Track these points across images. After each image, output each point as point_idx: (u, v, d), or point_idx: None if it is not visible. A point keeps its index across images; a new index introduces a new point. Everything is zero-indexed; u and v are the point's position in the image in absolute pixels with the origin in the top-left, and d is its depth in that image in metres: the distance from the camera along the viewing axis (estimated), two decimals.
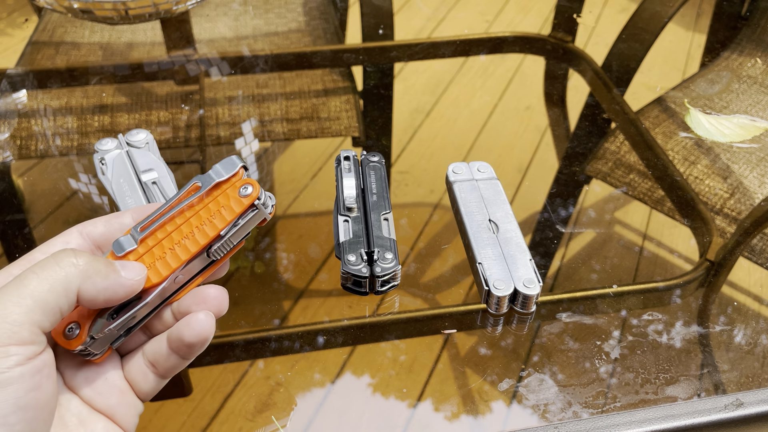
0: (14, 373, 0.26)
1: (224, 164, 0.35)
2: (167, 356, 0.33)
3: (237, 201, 0.35)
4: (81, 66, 0.77)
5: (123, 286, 0.31)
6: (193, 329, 0.32)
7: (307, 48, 0.83)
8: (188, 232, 0.34)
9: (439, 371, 0.47)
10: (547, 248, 0.57)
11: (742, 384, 0.46)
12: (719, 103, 0.74)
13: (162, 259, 0.34)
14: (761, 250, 0.57)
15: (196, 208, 0.35)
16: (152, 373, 0.34)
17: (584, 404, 0.44)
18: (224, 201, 0.35)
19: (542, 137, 0.70)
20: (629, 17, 0.88)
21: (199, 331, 0.32)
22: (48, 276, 0.28)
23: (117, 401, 0.33)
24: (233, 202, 0.35)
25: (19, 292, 0.28)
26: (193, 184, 0.35)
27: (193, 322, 0.32)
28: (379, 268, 0.47)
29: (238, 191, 0.35)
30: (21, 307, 0.27)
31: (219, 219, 0.34)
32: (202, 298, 0.34)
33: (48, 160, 0.64)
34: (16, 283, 0.28)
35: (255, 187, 0.35)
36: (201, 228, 0.34)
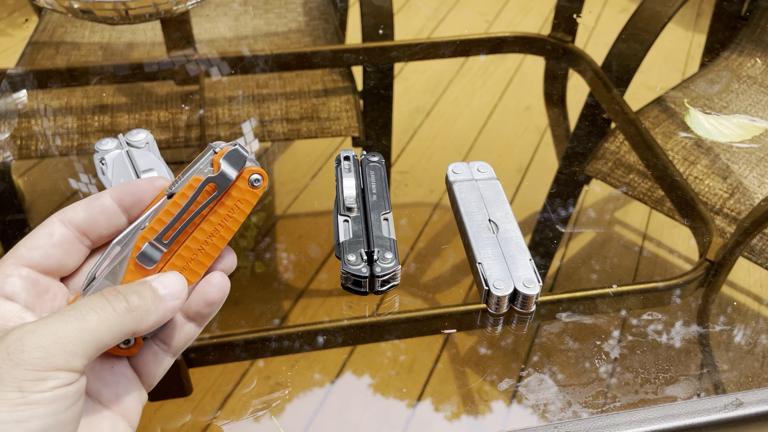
0: (56, 394, 0.28)
1: (231, 159, 0.35)
2: (180, 328, 0.35)
3: (251, 194, 0.36)
4: (81, 66, 0.77)
5: (172, 310, 0.33)
6: (215, 285, 0.35)
7: (307, 48, 0.83)
8: (212, 231, 0.35)
9: (439, 371, 0.47)
10: (547, 248, 0.57)
11: (741, 384, 0.46)
12: (719, 103, 0.74)
13: (195, 260, 0.35)
14: (761, 250, 0.57)
15: (211, 205, 0.35)
16: (163, 352, 0.35)
17: (584, 404, 0.45)
18: (238, 194, 0.35)
19: (542, 137, 0.70)
20: (629, 17, 0.88)
21: (221, 286, 0.35)
22: (108, 319, 0.30)
23: (124, 390, 0.34)
24: (248, 195, 0.36)
25: (81, 327, 0.29)
26: (209, 185, 0.35)
27: (213, 279, 0.35)
28: (379, 268, 0.47)
29: (249, 182, 0.35)
30: (81, 342, 0.29)
31: (239, 213, 0.36)
32: (207, 282, 0.36)
33: (48, 160, 0.64)
34: (77, 315, 0.29)
35: (264, 177, 0.36)
36: (224, 225, 0.35)
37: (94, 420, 0.32)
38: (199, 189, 0.35)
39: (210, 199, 0.35)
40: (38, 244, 0.34)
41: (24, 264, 0.34)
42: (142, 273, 0.34)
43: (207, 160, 0.35)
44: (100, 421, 0.32)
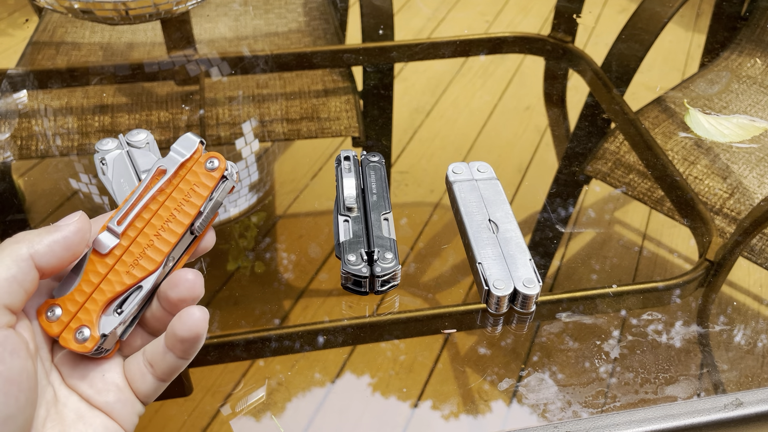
0: None
1: (182, 143, 0.36)
2: (164, 355, 0.34)
3: (207, 176, 0.36)
4: (81, 66, 0.77)
5: (71, 230, 0.32)
6: (185, 323, 0.33)
7: (307, 48, 0.83)
8: (168, 216, 0.35)
9: (439, 371, 0.47)
10: (547, 248, 0.57)
11: (741, 384, 0.46)
12: (719, 103, 0.74)
13: (151, 247, 0.35)
14: (761, 250, 0.57)
15: (166, 191, 0.36)
16: (150, 374, 0.34)
17: (584, 404, 0.45)
18: (194, 179, 0.36)
19: (542, 137, 0.70)
20: (629, 17, 0.88)
21: (190, 326, 0.32)
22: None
23: (115, 398, 0.33)
24: (204, 178, 0.36)
25: None
26: (158, 169, 0.36)
27: (185, 316, 0.33)
28: (379, 268, 0.47)
29: (205, 166, 0.36)
30: None
31: (195, 197, 0.36)
32: (175, 282, 0.34)
33: (48, 160, 0.64)
34: None
35: (221, 159, 0.36)
36: (180, 209, 0.35)
37: (88, 415, 0.32)
38: (150, 173, 0.36)
39: (161, 181, 0.35)
40: None
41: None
42: (101, 260, 0.34)
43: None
44: (93, 418, 0.32)
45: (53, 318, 0.33)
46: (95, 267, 0.34)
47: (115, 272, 0.34)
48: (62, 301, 0.33)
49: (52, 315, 0.33)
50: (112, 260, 0.34)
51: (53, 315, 0.33)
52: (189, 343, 0.33)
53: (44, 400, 0.32)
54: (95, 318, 0.33)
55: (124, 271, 0.34)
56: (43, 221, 0.58)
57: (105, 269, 0.34)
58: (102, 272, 0.34)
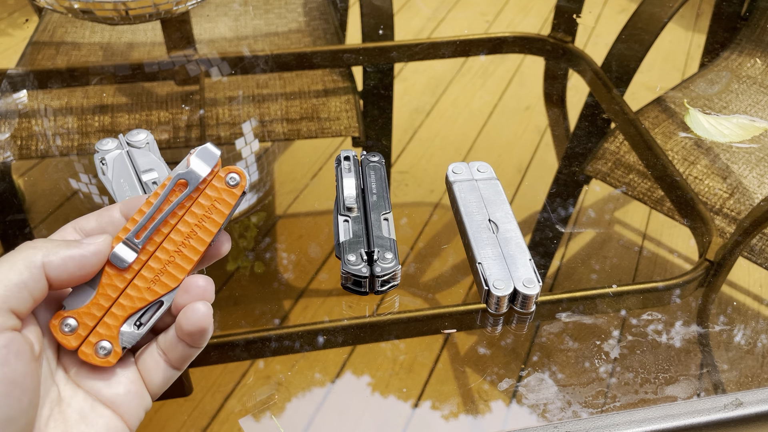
0: None
1: (202, 155, 0.35)
2: (175, 344, 0.34)
3: (229, 193, 0.35)
4: (81, 66, 0.77)
5: (90, 250, 0.32)
6: (190, 319, 0.33)
7: (307, 48, 0.83)
8: (189, 232, 0.34)
9: (439, 371, 0.47)
10: (547, 248, 0.57)
11: (741, 384, 0.46)
12: (719, 103, 0.74)
13: (172, 263, 0.34)
14: (761, 250, 0.57)
15: (186, 205, 0.35)
16: (164, 362, 0.35)
17: (584, 404, 0.45)
18: (215, 194, 0.35)
19: (542, 137, 0.70)
20: (629, 17, 0.88)
21: (195, 321, 0.33)
22: (8, 257, 0.30)
23: (125, 390, 0.34)
24: (226, 195, 0.35)
25: None
26: (179, 182, 0.35)
27: (189, 312, 0.34)
28: (379, 268, 0.47)
29: (226, 182, 0.35)
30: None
31: (217, 214, 0.35)
32: (186, 288, 0.34)
33: (48, 160, 0.64)
34: None
35: (242, 176, 0.35)
36: (202, 225, 0.35)
37: (91, 415, 0.32)
38: (169, 186, 0.34)
39: (182, 196, 0.34)
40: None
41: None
42: (118, 274, 0.34)
43: (184, 162, 0.35)
44: (96, 419, 0.32)
45: (70, 331, 0.33)
46: (112, 281, 0.34)
47: (135, 287, 0.34)
48: (77, 314, 0.33)
49: (68, 328, 0.33)
50: (130, 275, 0.34)
51: (69, 328, 0.33)
52: (197, 336, 0.34)
53: (48, 399, 0.32)
54: (116, 332, 0.33)
55: (145, 286, 0.34)
56: (43, 221, 0.58)
57: (123, 283, 0.34)
58: (120, 286, 0.34)
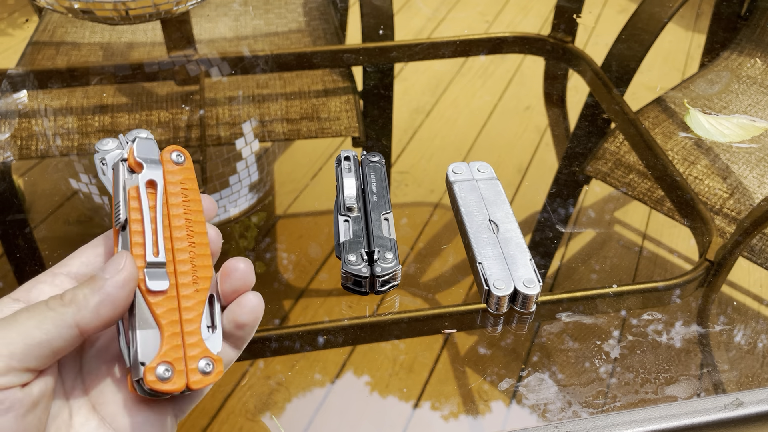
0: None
1: (142, 147, 0.34)
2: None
3: (184, 170, 0.34)
4: (81, 66, 0.77)
5: (116, 287, 0.30)
6: (245, 307, 0.33)
7: (307, 48, 0.83)
8: (185, 221, 0.34)
9: (439, 371, 0.47)
10: (547, 248, 0.57)
11: (741, 384, 0.46)
12: (719, 103, 0.74)
13: (196, 256, 0.33)
14: (761, 250, 0.57)
15: (166, 201, 0.34)
16: None
17: (584, 404, 0.45)
18: (176, 177, 0.34)
19: (542, 137, 0.70)
20: (629, 17, 0.88)
21: (250, 310, 0.33)
22: (38, 313, 0.28)
23: (143, 419, 0.32)
24: (184, 173, 0.34)
25: (9, 326, 0.28)
26: (147, 183, 0.33)
27: (244, 301, 0.33)
28: (380, 268, 0.47)
29: (174, 162, 0.34)
30: (6, 341, 0.27)
31: (192, 192, 0.34)
32: (228, 273, 0.33)
33: (48, 160, 0.64)
34: (9, 318, 0.28)
35: (183, 152, 0.35)
36: (189, 209, 0.34)
37: None
38: (143, 192, 0.33)
39: (161, 195, 0.33)
40: (88, 261, 0.34)
41: (65, 273, 0.33)
42: (165, 298, 0.32)
43: (125, 172, 0.34)
44: None
45: (171, 376, 0.30)
46: (164, 305, 0.31)
47: (185, 297, 0.32)
48: (162, 357, 0.30)
49: (168, 373, 0.30)
50: (173, 290, 0.32)
51: (169, 373, 0.30)
52: (249, 328, 0.33)
53: (55, 425, 0.30)
54: (203, 345, 0.31)
55: (192, 291, 0.32)
56: (43, 221, 0.58)
57: (174, 302, 0.32)
58: (174, 306, 0.32)
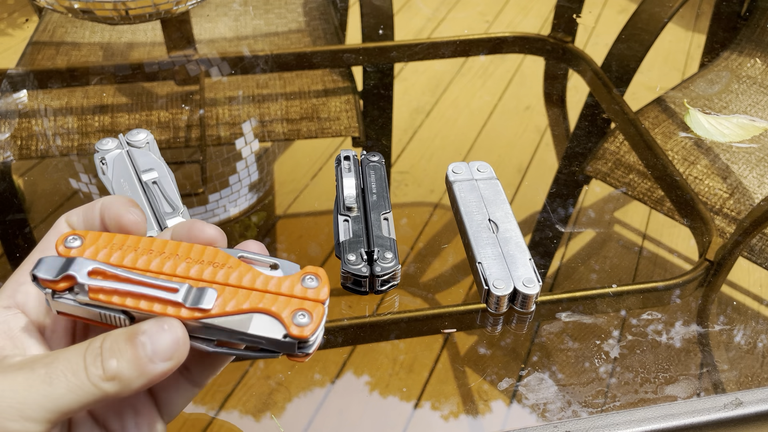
0: None
1: (44, 268, 0.30)
2: (201, 355, 0.32)
3: (97, 240, 0.32)
4: (81, 66, 0.77)
5: (162, 374, 0.28)
6: (202, 230, 0.32)
7: (307, 48, 0.83)
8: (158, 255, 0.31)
9: (439, 371, 0.47)
10: (547, 248, 0.57)
11: (741, 383, 0.46)
12: (719, 103, 0.74)
13: (198, 257, 0.32)
14: (761, 250, 0.57)
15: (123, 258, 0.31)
16: (184, 379, 0.33)
17: (584, 403, 0.45)
18: (102, 252, 0.31)
19: (542, 137, 0.70)
20: (629, 17, 0.88)
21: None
22: (78, 388, 0.27)
23: (133, 423, 0.32)
24: (101, 241, 0.32)
25: (45, 393, 0.27)
26: (90, 272, 0.30)
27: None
28: (379, 268, 0.47)
29: (66, 247, 0.31)
30: (42, 409, 0.27)
31: (131, 239, 0.32)
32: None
33: (48, 160, 0.64)
34: (45, 378, 0.27)
35: (79, 234, 0.32)
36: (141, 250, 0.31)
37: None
38: (96, 283, 0.30)
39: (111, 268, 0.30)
40: (48, 252, 0.33)
41: None
42: (228, 294, 0.30)
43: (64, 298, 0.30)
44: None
45: (308, 319, 0.30)
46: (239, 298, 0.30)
47: (230, 273, 0.31)
48: (290, 312, 0.30)
49: (304, 318, 0.30)
50: (222, 291, 0.31)
51: (305, 317, 0.30)
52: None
53: None
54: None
55: (225, 271, 0.31)
56: (43, 221, 0.58)
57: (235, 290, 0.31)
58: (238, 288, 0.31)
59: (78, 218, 0.34)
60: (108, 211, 0.32)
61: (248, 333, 0.30)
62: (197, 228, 0.32)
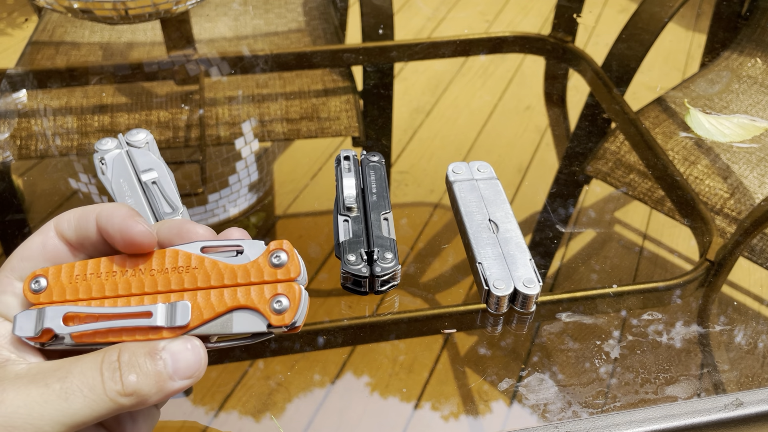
0: None
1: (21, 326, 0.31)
2: None
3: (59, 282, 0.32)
4: (81, 66, 0.77)
5: (179, 390, 0.29)
6: (193, 231, 0.32)
7: (307, 48, 0.83)
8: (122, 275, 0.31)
9: (439, 371, 0.47)
10: (547, 248, 0.57)
11: (741, 384, 0.46)
12: (719, 103, 0.74)
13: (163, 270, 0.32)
14: (761, 250, 0.57)
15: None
16: None
17: (584, 404, 0.44)
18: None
19: (542, 137, 0.70)
20: (629, 17, 0.88)
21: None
22: (95, 403, 0.27)
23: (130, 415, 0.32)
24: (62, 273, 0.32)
25: (61, 409, 0.27)
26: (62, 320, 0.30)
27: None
28: (379, 268, 0.47)
29: (32, 289, 0.31)
30: (57, 424, 0.26)
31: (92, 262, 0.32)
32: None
33: (48, 160, 0.64)
34: (61, 393, 0.27)
35: (44, 274, 0.32)
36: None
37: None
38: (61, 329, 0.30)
39: None
40: (30, 254, 0.32)
41: (17, 277, 0.32)
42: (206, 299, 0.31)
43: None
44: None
45: (286, 304, 0.30)
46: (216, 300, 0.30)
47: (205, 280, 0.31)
48: (265, 302, 0.31)
49: (280, 305, 0.30)
50: (195, 302, 0.30)
51: (281, 304, 0.30)
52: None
53: None
54: None
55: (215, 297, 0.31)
56: (42, 221, 0.58)
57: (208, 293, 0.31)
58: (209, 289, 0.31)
59: (69, 225, 0.32)
60: (110, 223, 0.31)
61: (233, 333, 0.30)
62: (186, 230, 0.32)
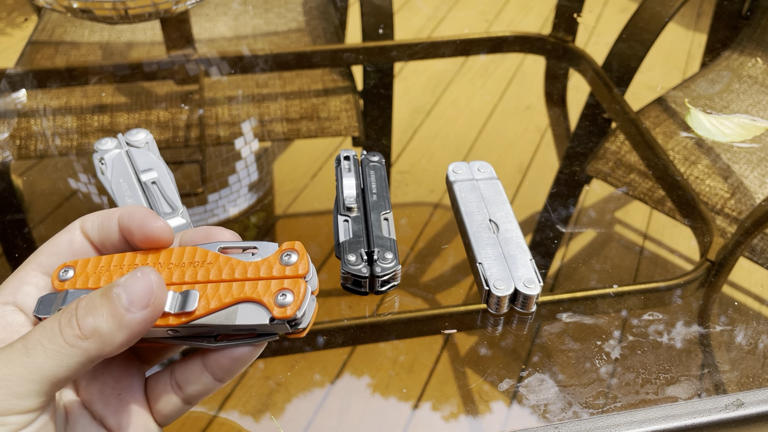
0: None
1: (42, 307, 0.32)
2: (198, 376, 0.32)
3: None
4: (80, 66, 0.77)
5: (143, 322, 0.28)
6: (222, 235, 0.33)
7: (307, 48, 0.83)
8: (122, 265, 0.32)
9: (439, 371, 0.47)
10: (548, 248, 0.57)
11: (742, 384, 0.46)
12: (720, 102, 0.74)
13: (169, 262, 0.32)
14: (762, 250, 0.57)
15: None
16: (176, 395, 0.33)
17: (584, 404, 0.44)
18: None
19: (542, 137, 0.70)
20: (630, 17, 0.88)
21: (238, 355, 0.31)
22: (58, 352, 0.27)
23: (127, 420, 0.32)
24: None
25: (26, 364, 0.26)
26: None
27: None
28: (379, 268, 0.47)
29: (60, 277, 0.33)
30: (27, 381, 0.26)
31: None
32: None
33: (47, 160, 0.64)
34: (22, 350, 0.26)
35: None
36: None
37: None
38: None
39: None
40: (58, 251, 0.33)
41: (42, 271, 0.32)
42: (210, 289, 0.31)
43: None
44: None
45: (289, 298, 0.30)
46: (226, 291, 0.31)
47: (212, 269, 0.32)
48: (270, 295, 0.31)
49: (284, 298, 0.30)
50: (204, 290, 0.31)
51: (285, 297, 0.30)
52: (242, 363, 0.32)
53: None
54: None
55: (202, 271, 0.32)
56: (42, 221, 0.58)
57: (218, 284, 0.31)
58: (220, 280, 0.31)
59: (93, 225, 0.33)
60: (131, 221, 0.32)
61: (236, 324, 0.30)
62: (213, 233, 0.33)
